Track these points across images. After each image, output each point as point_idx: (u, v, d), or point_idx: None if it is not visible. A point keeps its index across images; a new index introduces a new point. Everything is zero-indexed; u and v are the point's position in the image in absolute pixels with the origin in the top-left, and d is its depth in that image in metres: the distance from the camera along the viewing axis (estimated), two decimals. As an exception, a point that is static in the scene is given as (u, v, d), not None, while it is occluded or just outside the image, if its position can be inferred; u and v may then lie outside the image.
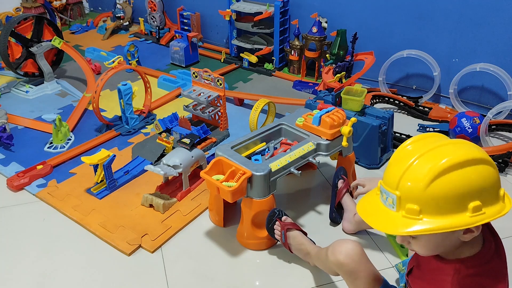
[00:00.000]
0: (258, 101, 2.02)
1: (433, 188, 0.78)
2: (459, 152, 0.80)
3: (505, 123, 2.17)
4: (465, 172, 0.79)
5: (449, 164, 0.78)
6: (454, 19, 2.30)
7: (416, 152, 0.83)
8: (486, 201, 0.80)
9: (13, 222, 1.65)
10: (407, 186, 0.81)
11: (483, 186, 0.80)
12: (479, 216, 0.79)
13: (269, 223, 1.45)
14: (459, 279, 0.85)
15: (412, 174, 0.81)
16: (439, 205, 0.79)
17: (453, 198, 0.78)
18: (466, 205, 0.78)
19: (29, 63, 2.63)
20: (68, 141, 2.12)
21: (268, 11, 2.76)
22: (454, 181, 0.78)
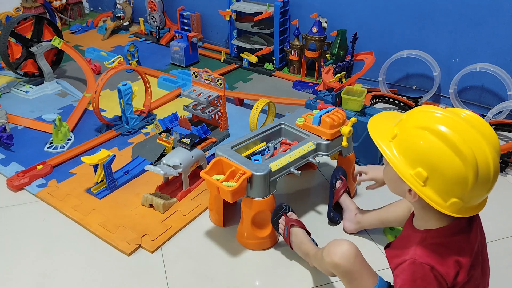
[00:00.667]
0: (258, 101, 2.02)
1: (413, 134, 0.88)
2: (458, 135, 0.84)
3: (505, 123, 2.17)
4: (441, 147, 0.84)
5: (440, 133, 0.85)
6: (454, 19, 2.30)
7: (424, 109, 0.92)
8: (435, 184, 0.87)
9: (13, 222, 1.65)
10: (405, 119, 0.93)
11: (441, 169, 0.85)
12: (416, 182, 0.88)
13: (275, 216, 1.46)
14: (423, 245, 0.94)
15: (410, 116, 0.92)
16: (405, 147, 0.89)
17: (414, 151, 0.88)
18: (415, 166, 0.87)
19: (29, 63, 2.63)
20: (68, 141, 2.12)
21: (268, 11, 2.76)
22: (427, 143, 0.86)
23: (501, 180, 1.87)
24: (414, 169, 0.87)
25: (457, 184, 0.85)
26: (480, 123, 0.86)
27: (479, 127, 0.85)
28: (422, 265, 0.92)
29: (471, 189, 0.84)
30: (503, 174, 1.89)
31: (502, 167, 1.89)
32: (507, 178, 1.88)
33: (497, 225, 1.62)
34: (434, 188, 0.87)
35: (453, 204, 0.87)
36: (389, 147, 0.91)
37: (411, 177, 0.88)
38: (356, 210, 1.56)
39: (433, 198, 0.88)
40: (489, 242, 1.52)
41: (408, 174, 0.88)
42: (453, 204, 0.87)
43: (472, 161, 0.82)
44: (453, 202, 0.87)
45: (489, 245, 1.52)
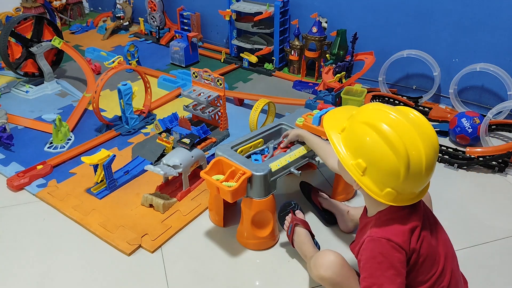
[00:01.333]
0: (258, 101, 2.02)
1: (358, 128, 0.99)
2: (395, 133, 0.93)
3: (505, 123, 2.17)
4: (379, 142, 0.94)
5: (381, 130, 0.94)
6: (454, 19, 2.30)
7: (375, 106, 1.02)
8: (372, 174, 0.97)
9: (13, 222, 1.65)
10: (355, 114, 1.02)
11: (377, 161, 0.95)
12: (356, 171, 0.99)
13: (282, 212, 1.47)
14: (376, 224, 1.03)
15: (364, 112, 1.01)
16: (350, 139, 1.00)
17: (356, 144, 0.98)
18: (356, 157, 0.98)
19: (29, 63, 2.63)
20: (68, 141, 2.12)
21: (268, 11, 2.76)
22: (368, 137, 0.96)
23: (501, 180, 1.87)
24: (355, 160, 0.98)
25: (390, 176, 0.95)
26: (421, 123, 0.96)
27: (419, 127, 0.95)
28: (379, 239, 0.99)
29: (403, 181, 0.94)
30: (503, 174, 1.89)
31: (502, 167, 1.89)
32: (507, 178, 1.88)
33: (497, 225, 1.62)
34: (371, 178, 0.98)
35: (387, 193, 0.97)
36: (338, 138, 1.02)
37: (352, 167, 0.99)
38: (347, 208, 1.57)
39: (370, 187, 0.98)
40: (489, 242, 1.54)
41: (350, 164, 0.99)
42: (387, 194, 0.97)
43: (405, 157, 0.92)
44: (387, 192, 0.97)
45: (489, 245, 1.53)
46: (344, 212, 1.56)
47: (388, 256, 0.97)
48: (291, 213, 1.46)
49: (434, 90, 2.42)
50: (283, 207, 1.48)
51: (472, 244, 1.50)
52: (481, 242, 1.53)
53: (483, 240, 1.54)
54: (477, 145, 2.04)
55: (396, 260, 0.97)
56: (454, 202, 1.72)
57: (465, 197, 1.75)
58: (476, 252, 1.48)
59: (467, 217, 1.64)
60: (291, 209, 1.47)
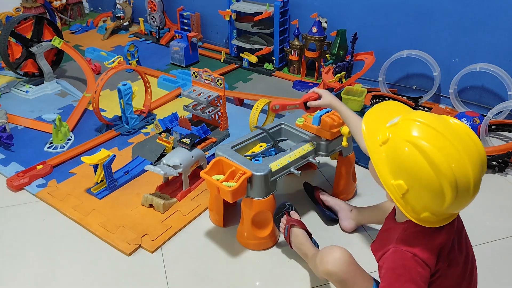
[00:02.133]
0: (258, 101, 2.02)
1: (402, 147, 0.87)
2: (443, 158, 0.83)
3: (505, 123, 2.17)
4: (426, 167, 0.84)
5: (424, 148, 0.84)
6: (454, 19, 2.30)
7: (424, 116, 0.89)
8: (413, 199, 0.88)
9: (13, 222, 1.65)
10: (400, 126, 0.90)
11: (421, 188, 0.86)
12: (396, 192, 0.89)
13: (277, 214, 1.46)
14: (404, 234, 0.97)
15: (409, 126, 0.88)
16: (393, 157, 0.89)
17: (400, 164, 0.87)
18: (398, 178, 0.88)
19: (29, 63, 2.63)
20: (68, 141, 2.12)
21: (268, 11, 2.76)
22: (414, 160, 0.85)
23: (501, 180, 1.87)
24: (396, 180, 0.88)
25: (433, 202, 0.87)
26: (468, 138, 0.86)
27: (467, 145, 0.85)
28: (404, 252, 0.94)
29: (446, 207, 0.86)
30: (503, 174, 1.89)
31: (502, 167, 1.89)
32: (507, 178, 1.87)
33: (497, 225, 1.62)
34: (411, 201, 0.89)
35: (426, 217, 0.90)
36: (379, 152, 0.91)
37: (392, 187, 0.89)
38: (350, 207, 1.57)
39: (408, 209, 0.90)
40: (489, 242, 1.54)
41: (390, 183, 0.89)
42: (425, 218, 0.90)
43: (453, 184, 0.83)
44: (425, 216, 0.89)
45: (489, 245, 1.53)
46: (347, 211, 1.57)
47: (410, 270, 0.93)
48: (286, 215, 1.45)
49: (434, 90, 2.42)
50: (278, 210, 1.46)
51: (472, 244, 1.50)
52: (481, 242, 1.53)
53: (483, 240, 1.54)
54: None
55: (418, 275, 0.92)
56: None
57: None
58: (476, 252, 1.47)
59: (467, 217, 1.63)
60: (285, 211, 1.46)
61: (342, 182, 1.69)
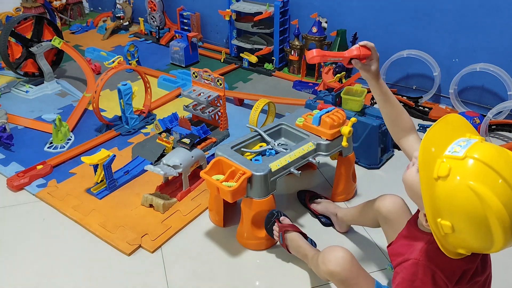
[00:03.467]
0: (258, 101, 2.02)
1: (462, 191, 0.78)
2: (507, 209, 0.76)
3: (505, 123, 2.17)
4: (483, 221, 0.78)
5: (488, 200, 0.76)
6: (454, 19, 2.30)
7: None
8: (455, 240, 0.83)
9: (13, 222, 1.65)
10: (464, 159, 0.80)
11: (470, 237, 0.81)
12: (439, 230, 0.83)
13: (268, 224, 1.45)
14: (429, 248, 0.92)
15: (475, 168, 0.79)
16: (447, 197, 0.80)
17: (453, 207, 0.80)
18: (447, 219, 0.81)
19: (29, 63, 2.63)
20: (68, 141, 2.12)
21: (268, 11, 2.76)
22: (472, 211, 0.78)
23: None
24: (444, 220, 0.81)
25: (477, 247, 0.83)
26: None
27: None
28: (425, 267, 0.91)
29: (489, 252, 0.83)
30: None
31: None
32: (507, 178, 1.87)
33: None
34: (452, 241, 0.84)
35: (460, 253, 0.86)
36: (432, 185, 0.82)
37: (437, 224, 0.82)
38: (336, 210, 1.57)
39: (445, 246, 0.85)
40: (489, 242, 1.53)
41: (437, 221, 0.82)
42: (460, 253, 0.86)
43: (509, 238, 0.79)
44: (460, 252, 0.85)
45: (489, 245, 1.53)
46: (334, 214, 1.57)
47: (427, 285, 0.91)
48: (277, 222, 1.44)
49: (434, 90, 2.42)
50: (267, 220, 1.45)
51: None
52: (481, 242, 1.53)
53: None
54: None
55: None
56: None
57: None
58: (476, 252, 1.48)
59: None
60: (275, 219, 1.45)
61: (342, 182, 1.70)
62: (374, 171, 1.92)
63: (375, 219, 1.34)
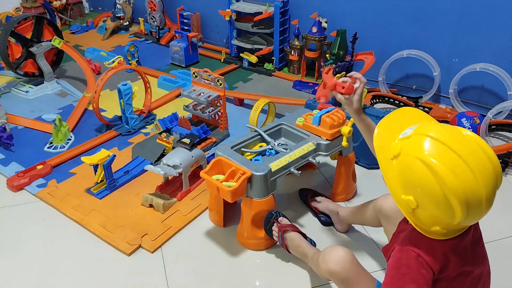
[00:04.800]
0: (258, 101, 2.02)
1: (413, 164, 0.85)
2: (454, 175, 0.82)
3: (505, 123, 2.17)
4: (436, 187, 0.83)
5: (435, 167, 0.82)
6: (454, 19, 2.30)
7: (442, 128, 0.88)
8: (423, 214, 0.87)
9: (13, 222, 1.65)
10: (412, 140, 0.88)
11: (432, 206, 0.85)
12: (406, 207, 0.88)
13: (267, 225, 1.45)
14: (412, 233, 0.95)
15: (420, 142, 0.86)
16: (403, 173, 0.87)
17: (410, 181, 0.86)
18: (408, 193, 0.87)
19: (29, 63, 2.63)
20: (68, 141, 2.12)
21: (268, 11, 2.76)
22: (425, 179, 0.83)
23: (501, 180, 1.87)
24: (407, 196, 0.87)
25: (443, 219, 0.86)
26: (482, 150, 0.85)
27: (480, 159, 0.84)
28: (408, 252, 0.93)
29: (457, 224, 0.86)
30: (503, 174, 1.89)
31: (502, 167, 1.89)
32: (507, 178, 1.87)
33: (497, 225, 1.62)
34: (421, 217, 0.88)
35: (436, 231, 0.89)
36: (390, 165, 0.90)
37: (402, 201, 0.89)
38: (337, 209, 1.57)
39: (418, 223, 0.90)
40: (489, 242, 1.53)
41: (401, 198, 0.89)
42: (435, 231, 0.89)
43: (464, 204, 0.82)
44: (436, 230, 0.89)
45: (489, 245, 1.52)
46: (335, 213, 1.57)
47: (413, 270, 0.91)
48: (276, 223, 1.44)
49: (434, 90, 2.42)
50: (266, 221, 1.45)
51: (472, 244, 1.50)
52: (481, 242, 1.53)
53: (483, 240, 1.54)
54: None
55: (420, 276, 0.91)
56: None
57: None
58: (476, 252, 1.48)
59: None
60: (274, 219, 1.45)
61: (342, 182, 1.70)
62: (374, 171, 1.92)
63: (377, 218, 1.35)
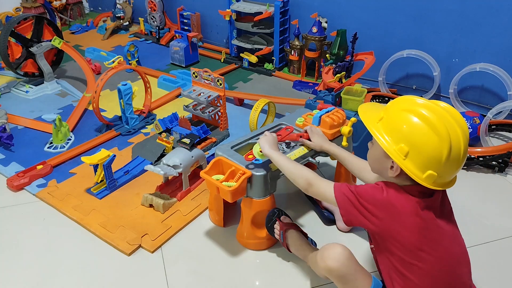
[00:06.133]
0: (258, 101, 2.02)
1: (397, 115, 1.02)
2: (437, 118, 0.98)
3: (505, 123, 2.17)
4: (422, 126, 0.99)
5: (421, 114, 0.99)
6: (454, 19, 2.30)
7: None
8: (415, 158, 1.00)
9: (13, 222, 1.65)
10: (390, 104, 1.07)
11: (420, 145, 0.99)
12: (398, 156, 1.01)
13: (269, 223, 1.45)
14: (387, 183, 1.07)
15: (400, 101, 1.06)
16: (390, 127, 1.03)
17: (398, 130, 1.01)
18: (398, 143, 1.01)
19: (29, 63, 2.63)
20: (68, 141, 2.12)
21: (268, 11, 2.76)
22: (410, 122, 1.00)
23: (501, 180, 1.87)
24: (397, 145, 1.00)
25: (433, 159, 0.98)
26: (454, 112, 1.01)
27: (454, 115, 1.00)
28: (378, 187, 1.06)
29: (444, 163, 0.98)
30: (503, 174, 1.89)
31: (502, 167, 1.89)
32: (507, 178, 1.87)
33: (497, 225, 1.62)
34: (413, 161, 1.00)
35: (429, 176, 1.00)
36: (377, 127, 1.04)
37: (394, 152, 1.01)
38: None
39: (412, 170, 1.00)
40: (489, 242, 1.54)
41: (392, 149, 1.01)
42: (429, 176, 1.00)
43: (447, 140, 0.97)
44: (429, 174, 0.99)
45: (489, 245, 1.53)
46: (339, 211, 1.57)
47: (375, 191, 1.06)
48: (278, 221, 1.44)
49: (434, 90, 2.42)
50: (268, 219, 1.45)
51: (472, 244, 1.50)
52: (481, 242, 1.53)
53: (483, 240, 1.54)
54: (477, 145, 2.04)
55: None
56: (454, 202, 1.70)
57: (465, 197, 1.75)
58: (476, 252, 1.48)
59: (467, 217, 1.64)
60: (276, 217, 1.45)
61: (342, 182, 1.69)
62: (374, 171, 1.91)
63: None
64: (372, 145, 1.12)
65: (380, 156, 1.06)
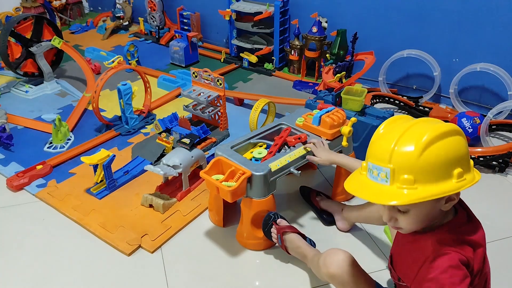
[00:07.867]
0: (258, 101, 2.02)
1: (425, 157, 0.84)
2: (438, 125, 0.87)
3: (505, 123, 2.17)
4: (448, 141, 0.85)
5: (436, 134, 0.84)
6: (454, 19, 2.30)
7: (400, 129, 0.88)
8: (464, 168, 0.87)
9: (13, 222, 1.65)
10: (401, 158, 0.85)
11: (462, 154, 0.87)
12: (462, 182, 0.86)
13: (265, 227, 1.45)
14: (441, 239, 0.91)
15: (404, 146, 0.85)
16: (431, 173, 0.84)
17: (442, 165, 0.84)
18: (451, 172, 0.85)
19: (28, 63, 2.63)
20: (68, 141, 2.12)
21: (268, 11, 2.76)
22: (442, 149, 0.84)
23: (501, 180, 1.87)
24: (452, 177, 0.85)
25: (468, 156, 0.89)
26: (405, 116, 0.94)
27: (410, 117, 0.93)
28: (449, 253, 0.89)
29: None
30: (503, 174, 1.89)
31: (502, 167, 1.89)
32: (507, 178, 1.87)
33: (497, 225, 1.62)
34: (466, 172, 0.87)
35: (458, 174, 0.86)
36: (419, 192, 0.84)
37: (455, 184, 0.85)
38: (341, 207, 1.57)
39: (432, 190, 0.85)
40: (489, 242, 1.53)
41: (453, 184, 0.85)
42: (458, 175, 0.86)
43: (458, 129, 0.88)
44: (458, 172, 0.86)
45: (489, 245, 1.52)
46: (339, 212, 1.57)
47: (459, 270, 0.88)
48: (274, 224, 1.44)
49: (434, 90, 2.42)
50: (265, 223, 1.45)
51: (472, 244, 1.50)
52: (481, 242, 1.52)
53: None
54: (477, 145, 2.04)
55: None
56: (454, 202, 1.72)
57: (465, 197, 1.73)
58: (476, 252, 1.48)
59: (467, 217, 1.64)
60: (272, 221, 1.44)
61: (342, 182, 1.68)
62: (374, 171, 1.91)
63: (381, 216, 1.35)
64: (404, 214, 0.92)
65: (431, 207, 0.90)
